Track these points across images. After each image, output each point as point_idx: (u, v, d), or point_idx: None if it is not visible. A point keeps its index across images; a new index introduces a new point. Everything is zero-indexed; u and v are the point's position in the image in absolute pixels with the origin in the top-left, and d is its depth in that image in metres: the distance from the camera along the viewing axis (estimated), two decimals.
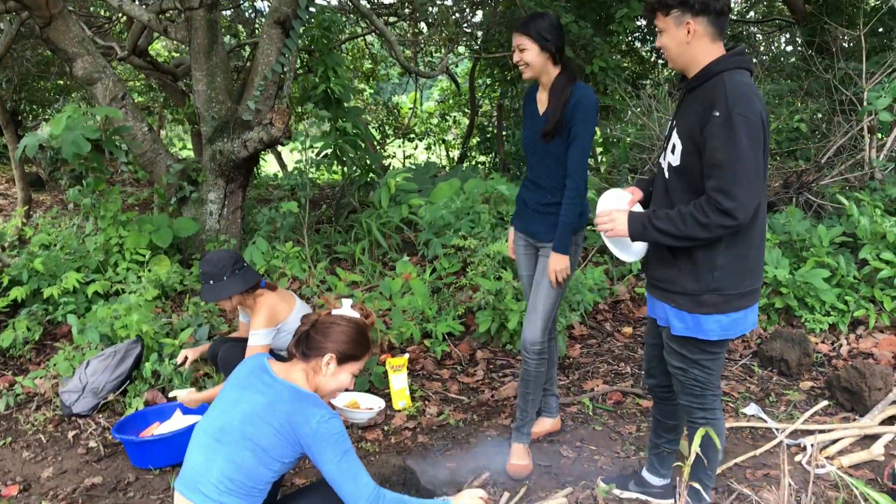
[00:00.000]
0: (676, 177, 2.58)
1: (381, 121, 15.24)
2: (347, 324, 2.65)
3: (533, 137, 3.31)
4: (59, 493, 3.50)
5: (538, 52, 3.13)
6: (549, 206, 3.32)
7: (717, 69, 2.46)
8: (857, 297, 4.79)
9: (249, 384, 2.56)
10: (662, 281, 2.69)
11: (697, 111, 2.47)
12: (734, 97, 2.37)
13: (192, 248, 6.49)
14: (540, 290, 3.37)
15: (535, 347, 3.40)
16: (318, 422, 2.41)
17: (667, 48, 2.55)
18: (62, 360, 4.47)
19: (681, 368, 2.74)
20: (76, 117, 5.37)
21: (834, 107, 6.46)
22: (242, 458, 2.43)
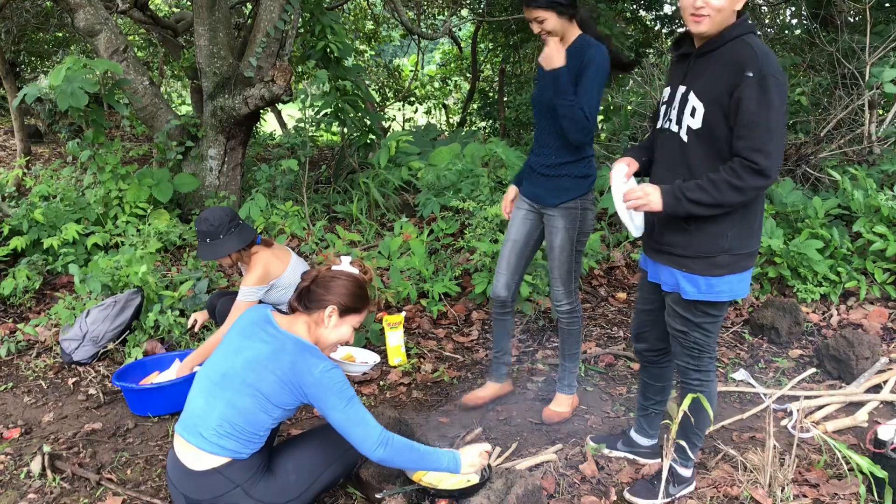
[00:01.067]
0: (697, 140, 2.54)
1: (382, 83, 15.17)
2: (347, 278, 2.72)
3: (543, 96, 3.31)
4: (60, 437, 3.57)
5: (556, 17, 3.12)
6: (555, 167, 3.34)
7: (736, 33, 2.47)
8: (850, 269, 4.85)
9: (253, 333, 2.62)
10: (674, 246, 2.68)
11: (721, 73, 2.45)
12: (764, 58, 2.39)
13: (192, 203, 6.53)
14: (552, 256, 3.42)
15: (562, 308, 3.50)
16: (321, 371, 2.48)
17: (721, 9, 2.43)
18: (63, 308, 4.53)
19: (682, 332, 2.77)
20: (76, 69, 5.36)
21: (836, 80, 6.47)
22: (243, 402, 2.49)
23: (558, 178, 3.33)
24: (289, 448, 2.78)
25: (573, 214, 3.37)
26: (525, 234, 3.52)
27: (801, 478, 3.14)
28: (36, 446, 3.46)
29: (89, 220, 5.78)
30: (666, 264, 2.74)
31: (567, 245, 3.38)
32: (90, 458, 3.38)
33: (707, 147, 2.52)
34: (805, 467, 3.22)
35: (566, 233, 3.37)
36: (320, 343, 2.70)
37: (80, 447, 3.48)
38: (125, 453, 3.42)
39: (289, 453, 2.74)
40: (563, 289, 3.44)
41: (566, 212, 3.35)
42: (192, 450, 2.57)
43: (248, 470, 2.59)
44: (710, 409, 2.80)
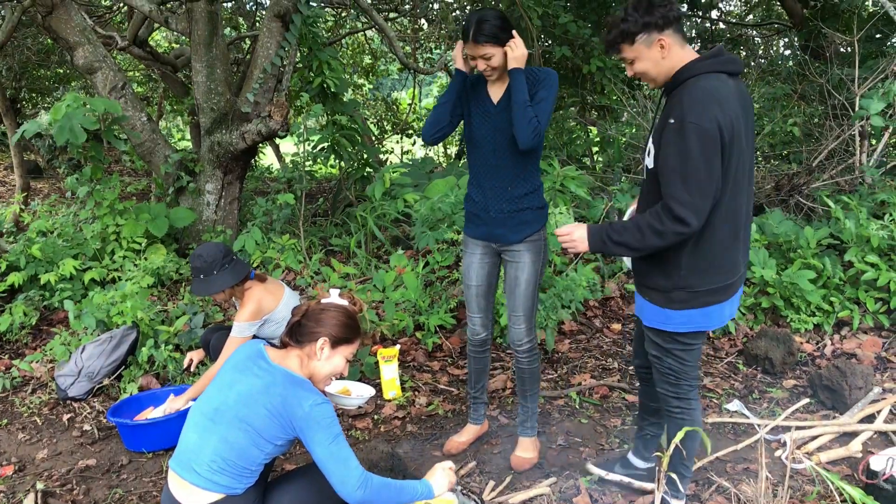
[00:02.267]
0: (651, 179, 2.65)
1: (380, 116, 15.29)
2: (337, 309, 2.74)
3: (488, 126, 3.23)
4: (54, 473, 3.57)
5: (502, 54, 3.10)
6: (514, 200, 3.27)
7: (686, 75, 2.54)
8: (842, 299, 4.87)
9: (246, 368, 2.64)
10: (637, 273, 2.81)
11: (663, 117, 2.55)
12: (689, 105, 2.43)
13: (189, 237, 6.56)
14: (517, 293, 3.35)
15: (523, 346, 3.44)
16: (311, 405, 2.49)
17: (645, 73, 2.61)
18: (59, 344, 4.54)
19: (656, 357, 2.83)
20: (75, 106, 5.42)
21: (827, 111, 6.54)
22: (235, 438, 2.50)
23: (520, 213, 3.28)
24: (285, 484, 2.77)
25: (538, 246, 3.34)
26: (486, 276, 3.47)
27: None
28: (29, 483, 3.46)
29: (86, 255, 5.81)
30: (642, 295, 2.82)
31: (533, 279, 3.35)
32: (84, 494, 3.39)
33: (660, 186, 2.57)
34: (799, 499, 3.22)
35: (533, 266, 3.33)
36: (314, 376, 2.71)
37: (74, 483, 3.48)
38: (119, 490, 3.42)
39: (284, 489, 2.74)
40: (526, 325, 3.39)
41: (531, 244, 3.32)
42: (185, 486, 2.57)
43: None
44: (695, 439, 2.86)
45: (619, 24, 2.55)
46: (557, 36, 8.71)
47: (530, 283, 3.35)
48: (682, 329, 2.71)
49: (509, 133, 3.18)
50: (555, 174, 5.73)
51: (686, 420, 2.85)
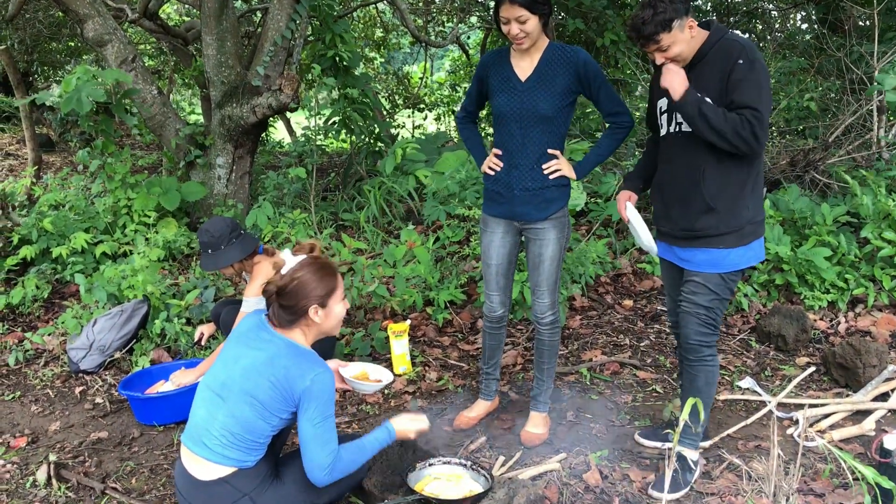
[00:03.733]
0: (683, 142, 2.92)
1: (392, 90, 15.20)
2: (305, 271, 2.64)
3: (515, 104, 3.22)
4: (66, 445, 3.59)
5: (537, 21, 3.08)
6: (538, 179, 3.27)
7: (715, 38, 2.84)
8: (857, 276, 4.82)
9: (249, 340, 2.63)
10: (707, 228, 2.94)
11: (713, 70, 2.79)
12: (748, 46, 2.75)
13: (200, 211, 6.56)
14: (542, 269, 3.36)
15: (546, 319, 3.44)
16: (313, 379, 2.49)
17: (680, 55, 2.81)
18: (70, 317, 4.56)
19: (707, 308, 3.00)
20: (86, 79, 5.41)
21: (844, 86, 6.44)
22: (242, 412, 2.50)
23: (544, 191, 3.27)
24: (297, 458, 2.77)
25: (562, 223, 3.34)
26: (506, 255, 3.45)
27: (807, 487, 3.13)
28: (42, 455, 3.48)
29: (98, 229, 5.82)
30: (700, 247, 2.99)
31: (558, 255, 3.35)
32: (95, 467, 3.40)
33: None
34: (811, 476, 3.20)
35: (557, 243, 3.34)
36: (323, 334, 2.71)
37: (86, 456, 3.50)
38: (130, 462, 3.44)
39: (298, 463, 2.73)
40: (550, 299, 3.39)
41: (556, 222, 3.32)
42: (198, 460, 2.58)
43: (255, 478, 2.60)
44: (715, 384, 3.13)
45: (652, 17, 2.72)
46: (571, 8, 8.60)
47: (555, 259, 3.35)
48: (745, 264, 2.98)
49: (537, 110, 3.18)
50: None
51: (715, 366, 3.08)
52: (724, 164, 2.88)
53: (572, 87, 3.19)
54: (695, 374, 3.09)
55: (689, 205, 2.97)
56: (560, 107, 3.20)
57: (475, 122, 3.65)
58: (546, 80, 3.18)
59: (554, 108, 3.19)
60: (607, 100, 3.24)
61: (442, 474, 3.04)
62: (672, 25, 2.74)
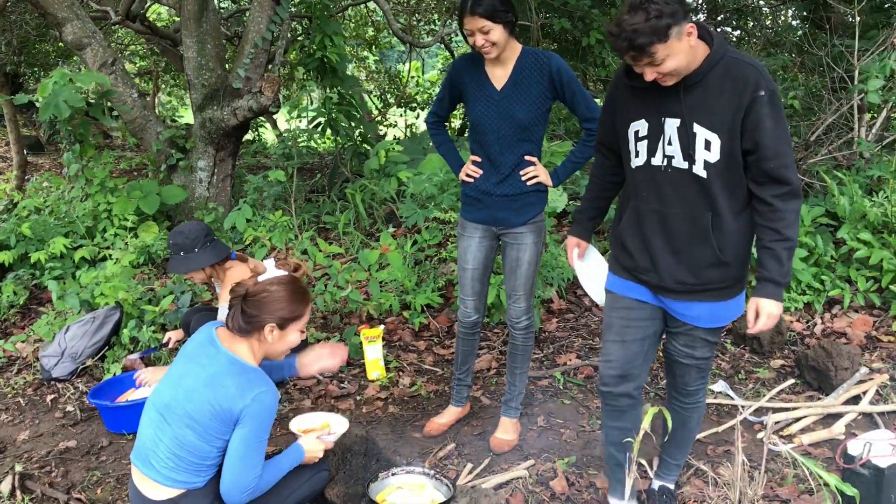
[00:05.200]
0: (717, 174, 2.38)
1: (384, 89, 15.17)
2: (279, 287, 2.61)
3: (492, 112, 3.19)
4: (34, 455, 3.58)
5: (502, 29, 3.02)
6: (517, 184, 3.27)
7: (719, 55, 2.33)
8: (833, 277, 4.80)
9: (195, 356, 2.59)
10: (714, 282, 2.54)
11: (726, 97, 2.31)
12: (763, 73, 2.31)
13: (182, 215, 6.55)
14: (518, 273, 3.35)
15: (521, 323, 3.43)
16: (254, 398, 2.44)
17: (676, 70, 2.29)
18: (44, 324, 4.54)
19: (705, 358, 2.72)
20: (62, 83, 5.39)
21: (826, 84, 6.41)
22: (185, 436, 2.46)
23: (522, 196, 3.27)
24: None
25: (540, 228, 3.34)
26: (483, 259, 3.43)
27: (773, 493, 3.12)
28: (8, 466, 3.46)
29: (78, 233, 5.80)
30: (701, 300, 2.58)
31: (535, 260, 3.35)
32: (62, 477, 3.40)
33: (726, 177, 2.39)
34: (777, 482, 3.19)
35: (535, 247, 3.34)
36: (270, 356, 2.68)
37: (53, 466, 3.49)
38: (97, 472, 3.42)
39: None
40: (526, 304, 3.39)
41: (534, 227, 3.32)
42: (147, 481, 2.54)
43: (205, 497, 2.56)
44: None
45: (644, 22, 2.17)
46: (556, 8, 8.57)
47: (532, 263, 3.35)
48: (743, 308, 2.64)
49: (514, 119, 3.16)
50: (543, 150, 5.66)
51: (704, 401, 2.90)
52: (739, 212, 2.46)
53: (547, 93, 3.17)
54: (688, 417, 2.89)
55: (693, 258, 2.50)
56: (537, 114, 3.19)
57: (444, 125, 3.62)
58: (521, 89, 3.15)
59: (530, 116, 3.17)
60: (582, 106, 3.20)
61: (405, 483, 3.02)
62: (669, 33, 2.19)
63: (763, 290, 2.43)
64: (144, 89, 14.57)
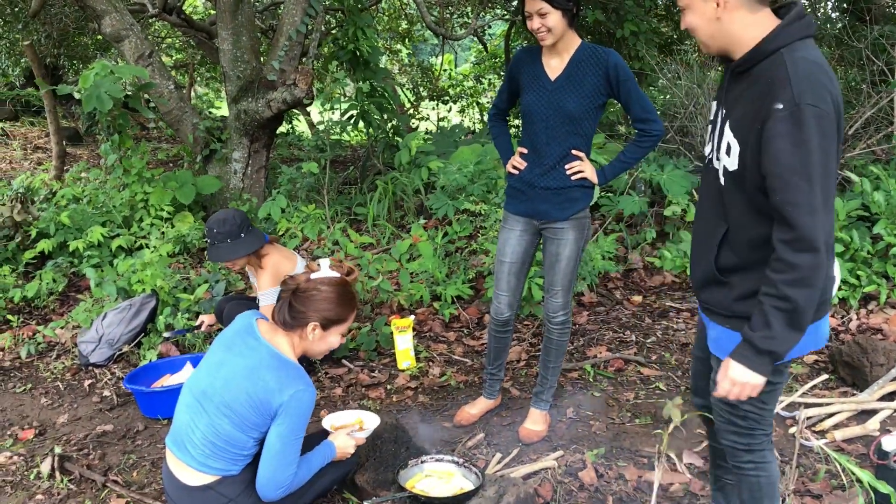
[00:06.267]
0: (734, 184, 2.05)
1: (416, 82, 15.20)
2: (329, 288, 2.66)
3: (543, 102, 3.19)
4: (72, 438, 3.66)
5: (560, 16, 3.02)
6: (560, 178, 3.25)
7: (773, 46, 1.92)
8: (870, 272, 4.73)
9: (234, 345, 2.62)
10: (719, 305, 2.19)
11: (752, 102, 1.95)
12: (799, 83, 1.84)
13: (216, 205, 6.63)
14: (557, 268, 3.33)
15: (557, 318, 3.42)
16: (292, 395, 2.47)
17: (695, 29, 2.03)
18: (82, 311, 4.64)
19: (731, 405, 2.20)
20: (103, 74, 5.48)
21: (865, 77, 6.31)
22: (222, 425, 2.50)
23: (567, 190, 3.25)
24: None
25: (582, 224, 3.32)
26: (521, 254, 3.42)
27: (804, 488, 3.09)
28: (48, 448, 3.55)
29: (115, 222, 5.90)
30: (717, 322, 2.21)
31: (575, 255, 3.33)
32: (99, 459, 3.47)
33: (744, 192, 2.02)
34: (809, 477, 3.16)
35: (576, 243, 3.31)
36: (308, 354, 2.71)
37: (91, 449, 3.56)
38: (133, 455, 3.49)
39: None
40: (563, 299, 3.37)
41: (576, 222, 3.29)
42: (182, 466, 2.59)
43: (240, 484, 2.60)
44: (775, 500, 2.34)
45: None
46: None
47: (572, 259, 3.32)
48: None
49: (564, 110, 3.16)
50: None
51: (762, 476, 2.29)
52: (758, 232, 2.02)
53: (601, 88, 3.14)
54: (737, 483, 2.37)
55: (700, 264, 2.23)
56: (588, 108, 3.17)
57: (506, 119, 3.64)
58: (575, 81, 3.15)
59: (581, 108, 3.16)
60: (636, 105, 3.17)
61: (434, 471, 3.05)
62: None
63: (738, 349, 2.01)
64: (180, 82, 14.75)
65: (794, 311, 1.90)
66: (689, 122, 6.39)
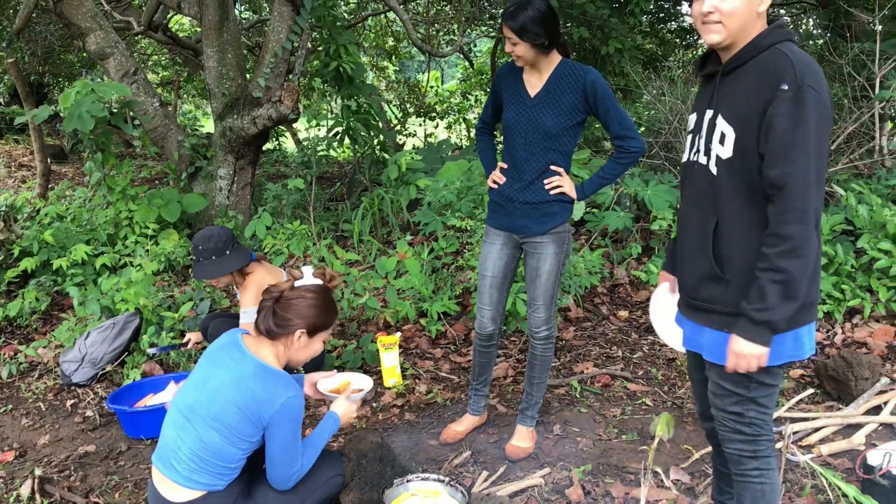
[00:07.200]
0: (728, 172, 2.14)
1: (403, 98, 15.25)
2: (312, 295, 2.66)
3: (522, 119, 3.23)
4: (53, 459, 3.62)
5: (529, 47, 3.07)
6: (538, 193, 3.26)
7: (769, 41, 2.09)
8: (854, 286, 4.76)
9: (220, 360, 2.61)
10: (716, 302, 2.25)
11: (752, 89, 2.08)
12: (804, 68, 2.00)
13: (202, 222, 6.61)
14: (538, 283, 3.33)
15: (540, 333, 3.42)
16: (283, 404, 2.47)
17: (734, 14, 2.06)
18: (65, 330, 4.60)
19: (735, 413, 2.28)
20: (84, 93, 5.46)
21: (847, 92, 6.37)
22: (210, 438, 2.48)
23: (546, 205, 3.26)
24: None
25: (562, 238, 3.33)
26: (502, 268, 3.43)
27: (791, 503, 3.08)
28: (28, 469, 3.50)
29: (99, 240, 5.87)
30: (704, 324, 2.29)
31: (555, 270, 3.33)
32: (80, 481, 3.42)
33: (738, 180, 2.12)
34: (795, 492, 3.15)
35: (556, 258, 3.32)
36: (292, 362, 2.70)
37: (72, 470, 3.51)
38: (115, 476, 3.45)
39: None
40: (546, 314, 3.37)
41: (555, 237, 3.30)
42: (167, 482, 2.56)
43: (225, 499, 2.58)
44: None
45: None
46: (575, 17, 8.58)
47: (552, 273, 3.33)
48: (774, 361, 2.15)
49: (542, 127, 3.19)
50: None
51: (766, 484, 2.34)
52: (751, 226, 2.13)
53: (579, 106, 3.17)
54: (739, 491, 2.40)
55: (694, 263, 2.27)
56: (566, 125, 3.19)
57: (492, 133, 3.67)
58: (554, 98, 3.18)
59: (559, 125, 3.18)
60: (614, 122, 3.19)
61: (419, 490, 3.02)
62: None
63: (739, 324, 2.11)
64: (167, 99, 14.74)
65: (788, 281, 2.02)
66: (673, 137, 6.43)
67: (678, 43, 11.68)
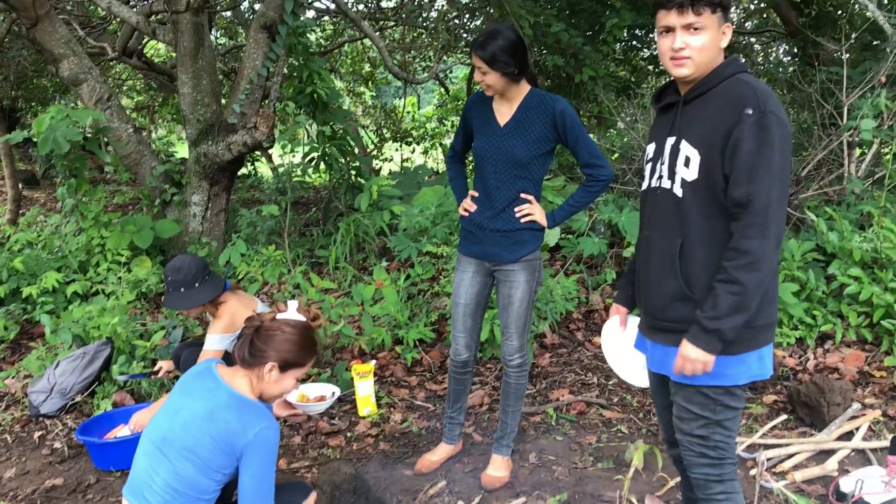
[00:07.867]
0: (693, 193, 2.23)
1: (379, 124, 15.30)
2: (292, 330, 2.61)
3: (492, 147, 3.25)
4: (19, 493, 3.54)
5: (499, 76, 3.10)
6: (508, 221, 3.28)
7: (728, 72, 2.22)
8: (825, 312, 4.81)
9: (193, 389, 2.57)
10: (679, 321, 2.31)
11: (716, 115, 2.19)
12: (763, 94, 2.14)
13: (175, 249, 6.54)
14: (510, 311, 3.34)
15: (514, 361, 3.41)
16: (256, 434, 2.42)
17: (703, 50, 2.18)
18: (34, 359, 4.52)
19: (701, 437, 2.34)
20: (59, 118, 5.42)
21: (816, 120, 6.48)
22: (183, 469, 2.43)
23: (516, 233, 3.28)
24: None
25: (533, 266, 3.34)
26: (475, 295, 3.44)
27: None
28: None
29: (71, 267, 5.80)
30: (672, 344, 2.32)
31: (527, 297, 3.34)
32: None
33: (703, 200, 2.22)
34: None
35: (527, 285, 3.33)
36: (263, 396, 2.66)
37: None
38: None
39: None
40: (518, 342, 3.37)
41: (527, 265, 3.31)
42: None
43: None
44: None
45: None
46: (549, 45, 8.66)
47: (524, 301, 3.33)
48: (739, 381, 2.25)
49: (512, 156, 3.21)
50: None
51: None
52: (713, 238, 2.22)
53: (548, 135, 3.20)
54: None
55: (661, 285, 2.33)
56: (535, 154, 3.22)
57: (463, 161, 3.69)
58: (523, 127, 3.21)
59: (529, 154, 3.21)
60: (583, 151, 3.22)
61: None
62: (718, 9, 2.17)
63: (690, 331, 2.20)
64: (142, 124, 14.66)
65: (742, 293, 2.11)
66: None
67: (651, 70, 11.83)
